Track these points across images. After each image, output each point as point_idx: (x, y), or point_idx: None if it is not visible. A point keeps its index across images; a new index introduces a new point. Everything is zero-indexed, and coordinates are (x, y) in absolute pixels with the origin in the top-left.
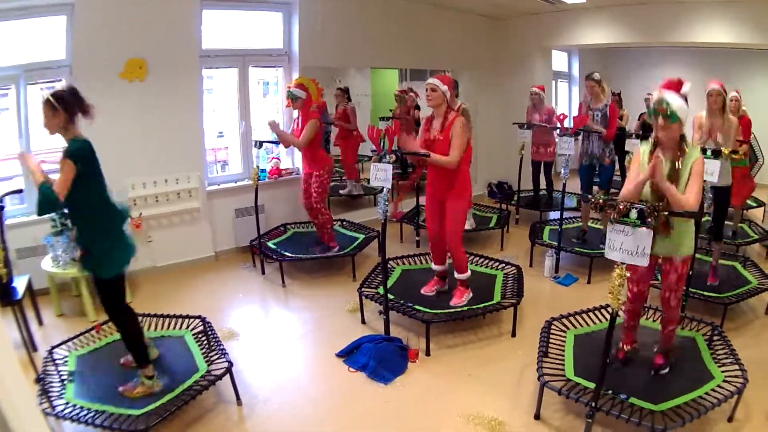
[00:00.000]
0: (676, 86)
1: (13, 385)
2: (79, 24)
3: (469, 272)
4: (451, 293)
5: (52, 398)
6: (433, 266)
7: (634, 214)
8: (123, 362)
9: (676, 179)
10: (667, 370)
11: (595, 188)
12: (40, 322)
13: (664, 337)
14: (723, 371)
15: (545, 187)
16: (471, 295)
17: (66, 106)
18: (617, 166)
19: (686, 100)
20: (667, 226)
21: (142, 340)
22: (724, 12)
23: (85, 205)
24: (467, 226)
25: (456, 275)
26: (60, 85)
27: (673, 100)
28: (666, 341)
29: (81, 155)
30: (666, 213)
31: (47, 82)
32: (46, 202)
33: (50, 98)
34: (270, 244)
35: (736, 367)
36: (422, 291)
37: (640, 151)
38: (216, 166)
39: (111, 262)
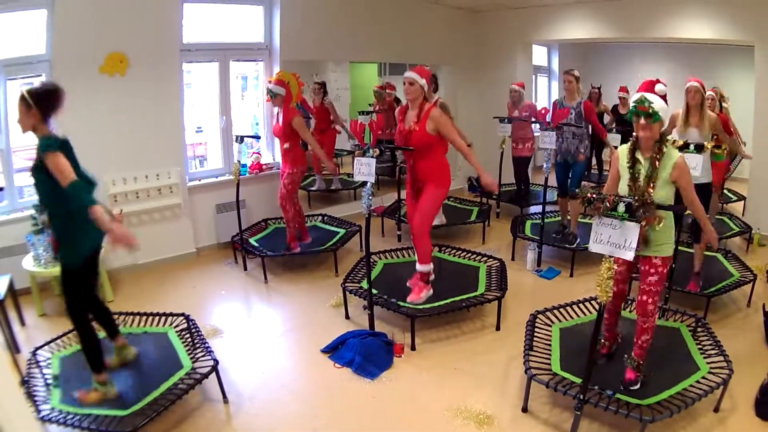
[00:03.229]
0: (652, 87)
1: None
2: (59, 18)
3: (431, 266)
4: (410, 286)
5: (38, 402)
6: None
7: (621, 207)
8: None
9: (655, 179)
10: (638, 386)
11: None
12: (23, 323)
13: (636, 348)
14: (708, 362)
15: (522, 185)
16: (431, 292)
17: (40, 105)
18: (593, 162)
19: (665, 99)
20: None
21: (98, 347)
22: (703, 8)
23: (55, 195)
24: (437, 222)
25: (417, 266)
26: (39, 81)
27: (655, 99)
28: (638, 352)
29: (56, 146)
30: (654, 207)
31: (27, 77)
32: (79, 195)
33: (25, 95)
34: (252, 240)
35: (721, 358)
36: (409, 283)
37: (619, 154)
38: (194, 161)
39: (76, 247)
